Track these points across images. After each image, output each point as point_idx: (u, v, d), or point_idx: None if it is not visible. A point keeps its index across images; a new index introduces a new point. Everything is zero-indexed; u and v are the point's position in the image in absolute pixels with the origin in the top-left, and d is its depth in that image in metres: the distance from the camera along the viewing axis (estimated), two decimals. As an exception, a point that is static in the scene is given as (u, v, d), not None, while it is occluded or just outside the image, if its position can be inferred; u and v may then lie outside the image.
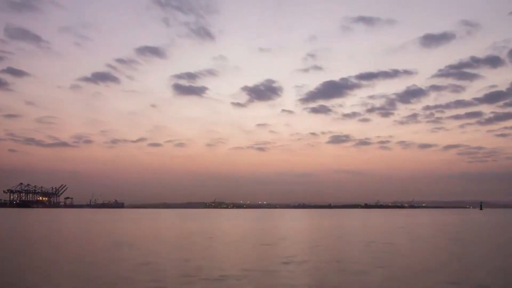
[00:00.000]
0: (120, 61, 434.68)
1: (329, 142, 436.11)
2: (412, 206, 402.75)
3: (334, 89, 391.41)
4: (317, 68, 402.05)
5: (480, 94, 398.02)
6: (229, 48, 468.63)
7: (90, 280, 12.43)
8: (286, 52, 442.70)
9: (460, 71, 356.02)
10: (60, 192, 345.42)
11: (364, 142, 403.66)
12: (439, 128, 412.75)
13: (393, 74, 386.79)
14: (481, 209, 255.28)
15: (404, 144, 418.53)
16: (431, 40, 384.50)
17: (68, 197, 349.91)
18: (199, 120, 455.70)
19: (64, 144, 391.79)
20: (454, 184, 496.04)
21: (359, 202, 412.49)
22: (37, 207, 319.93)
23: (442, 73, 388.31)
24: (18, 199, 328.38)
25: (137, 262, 16.22)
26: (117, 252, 20.42)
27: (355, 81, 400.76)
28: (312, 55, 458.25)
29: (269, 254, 19.41)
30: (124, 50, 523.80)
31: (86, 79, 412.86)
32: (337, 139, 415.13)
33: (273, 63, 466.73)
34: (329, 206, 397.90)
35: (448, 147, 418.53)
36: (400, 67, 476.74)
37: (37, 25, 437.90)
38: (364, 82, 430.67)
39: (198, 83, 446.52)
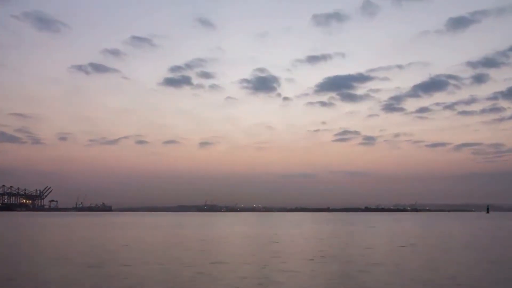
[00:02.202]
0: (106, 52, 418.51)
1: (331, 140, 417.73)
2: (415, 209, 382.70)
3: (338, 82, 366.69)
4: (321, 59, 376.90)
5: (501, 88, 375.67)
6: (226, 37, 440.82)
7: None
8: (287, 41, 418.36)
9: (483, 61, 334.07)
10: (44, 195, 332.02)
11: (369, 140, 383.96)
12: (452, 126, 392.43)
13: (406, 66, 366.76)
14: (487, 212, 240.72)
15: (413, 142, 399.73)
16: (456, 24, 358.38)
17: (53, 200, 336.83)
18: (191, 116, 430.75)
19: (45, 142, 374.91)
20: (463, 186, 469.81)
21: (359, 205, 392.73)
22: (21, 210, 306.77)
23: (462, 64, 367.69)
24: (0, 202, 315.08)
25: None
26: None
27: (362, 73, 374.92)
28: (314, 45, 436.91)
29: None
30: (111, 40, 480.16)
31: (69, 71, 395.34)
32: (340, 137, 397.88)
33: (273, 53, 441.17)
34: (327, 210, 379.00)
35: (462, 145, 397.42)
36: (413, 58, 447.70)
37: (13, 11, 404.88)
38: (372, 75, 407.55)
39: (190, 76, 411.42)
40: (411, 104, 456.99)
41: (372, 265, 18.93)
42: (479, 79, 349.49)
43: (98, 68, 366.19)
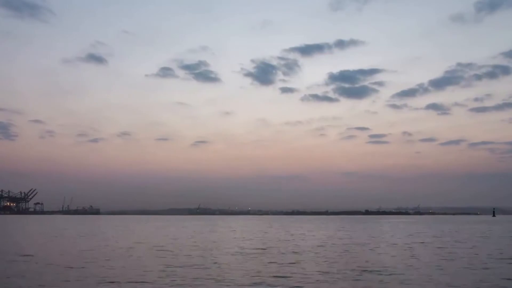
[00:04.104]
0: (94, 44, 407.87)
1: (335, 138, 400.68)
2: (417, 212, 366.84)
3: (344, 76, 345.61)
4: (323, 50, 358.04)
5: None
6: (223, 27, 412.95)
7: None
8: (289, 30, 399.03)
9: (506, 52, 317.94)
10: (29, 197, 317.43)
11: (376, 138, 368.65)
12: (468, 123, 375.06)
13: (417, 58, 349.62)
14: (494, 215, 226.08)
15: (423, 140, 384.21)
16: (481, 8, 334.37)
17: (38, 203, 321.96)
18: (185, 111, 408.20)
19: (26, 140, 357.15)
20: (470, 187, 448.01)
21: (360, 208, 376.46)
22: (4, 213, 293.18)
23: (480, 56, 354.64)
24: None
25: None
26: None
27: (370, 66, 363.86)
28: (317, 35, 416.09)
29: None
30: (99, 32, 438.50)
31: (54, 64, 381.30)
32: (345, 135, 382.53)
33: (273, 44, 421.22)
34: (326, 213, 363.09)
35: (475, 144, 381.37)
36: (426, 50, 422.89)
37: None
38: (381, 67, 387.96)
39: (184, 68, 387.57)
40: (422, 100, 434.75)
41: None
42: (503, 71, 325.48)
43: (85, 61, 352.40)
